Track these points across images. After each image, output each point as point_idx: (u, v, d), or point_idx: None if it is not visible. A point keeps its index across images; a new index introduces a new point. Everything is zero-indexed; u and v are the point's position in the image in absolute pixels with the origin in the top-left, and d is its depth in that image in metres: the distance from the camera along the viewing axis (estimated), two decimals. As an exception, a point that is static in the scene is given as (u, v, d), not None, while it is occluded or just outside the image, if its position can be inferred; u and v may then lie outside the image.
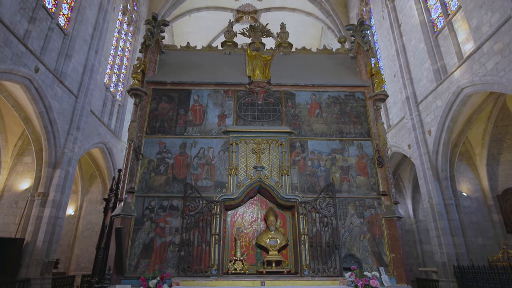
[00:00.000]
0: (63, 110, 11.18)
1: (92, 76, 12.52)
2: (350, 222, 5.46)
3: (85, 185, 15.31)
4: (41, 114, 10.31)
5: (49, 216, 10.31)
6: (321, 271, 4.95)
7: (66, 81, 11.22)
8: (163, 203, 5.40)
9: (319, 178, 5.75)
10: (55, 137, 10.83)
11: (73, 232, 14.59)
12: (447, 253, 10.32)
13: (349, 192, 5.71)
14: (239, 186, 5.59)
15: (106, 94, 14.54)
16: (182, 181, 5.52)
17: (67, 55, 11.29)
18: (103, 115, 14.09)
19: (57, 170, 10.86)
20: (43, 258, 9.99)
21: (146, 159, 5.76)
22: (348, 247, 5.31)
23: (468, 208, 11.82)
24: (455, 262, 10.11)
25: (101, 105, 14.08)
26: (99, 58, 12.91)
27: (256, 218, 5.87)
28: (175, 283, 4.71)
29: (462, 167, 12.32)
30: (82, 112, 11.90)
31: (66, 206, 11.21)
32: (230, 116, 6.20)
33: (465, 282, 9.46)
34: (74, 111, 11.65)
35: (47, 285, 10.10)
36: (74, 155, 11.52)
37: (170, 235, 5.18)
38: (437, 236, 10.70)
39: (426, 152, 11.56)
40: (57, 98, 10.83)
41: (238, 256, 5.34)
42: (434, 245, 10.87)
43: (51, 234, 10.35)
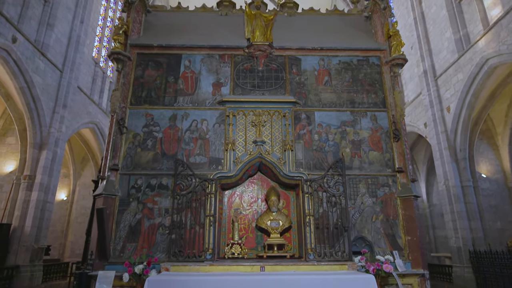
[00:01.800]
0: (47, 86, 10.74)
1: (78, 49, 11.98)
2: (361, 202, 5.15)
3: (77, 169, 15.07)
4: (22, 90, 9.88)
5: (37, 200, 10.10)
6: (328, 255, 4.69)
7: (48, 53, 10.71)
8: (151, 182, 5.08)
9: (327, 153, 5.39)
10: (40, 116, 10.45)
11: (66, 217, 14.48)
12: (462, 237, 10.13)
13: (360, 169, 5.35)
14: (237, 163, 5.23)
15: (95, 70, 14.02)
16: (172, 157, 5.18)
17: (48, 24, 10.72)
18: (92, 93, 13.63)
19: (43, 151, 10.55)
20: (32, 244, 9.84)
21: (131, 133, 5.38)
22: (359, 229, 5.03)
23: (487, 190, 11.46)
24: (471, 247, 9.96)
25: (90, 81, 13.60)
26: (85, 28, 12.32)
27: (256, 199, 5.59)
28: (165, 268, 4.44)
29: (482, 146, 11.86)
30: (68, 89, 11.46)
31: (55, 189, 10.98)
32: (227, 84, 5.79)
33: (481, 267, 9.31)
34: (60, 87, 11.21)
35: (38, 272, 10.00)
36: (62, 136, 11.17)
37: (159, 217, 4.90)
38: (453, 220, 10.45)
39: (443, 131, 11.15)
40: (40, 72, 10.36)
41: (236, 239, 5.09)
42: (449, 230, 10.64)
43: (39, 219, 10.16)
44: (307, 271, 4.42)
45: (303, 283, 3.99)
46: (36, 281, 9.73)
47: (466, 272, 9.82)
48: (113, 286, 4.41)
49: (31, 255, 9.66)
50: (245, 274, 4.20)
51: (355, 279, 4.14)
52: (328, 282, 4.05)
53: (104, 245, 4.67)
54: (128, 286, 4.51)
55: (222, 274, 4.22)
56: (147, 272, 4.33)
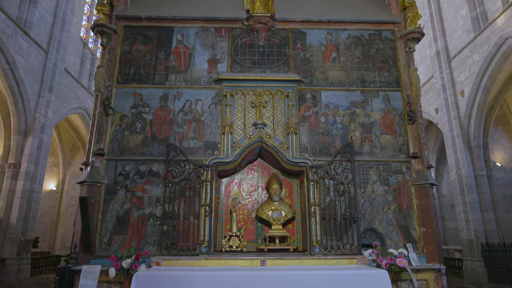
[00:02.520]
0: (31, 67, 10.32)
1: (65, 28, 11.51)
2: (372, 191, 4.94)
3: (66, 157, 14.78)
4: (4, 71, 9.49)
5: (23, 190, 9.84)
6: (335, 248, 4.49)
7: (32, 32, 10.26)
8: (140, 168, 4.84)
9: (334, 137, 5.14)
10: (24, 100, 10.09)
11: (56, 208, 14.27)
12: (474, 230, 9.98)
13: (371, 154, 5.11)
14: (235, 148, 4.97)
15: (83, 51, 13.57)
16: (164, 141, 4.94)
17: (31, 1, 10.22)
18: (81, 76, 13.21)
19: (28, 138, 10.23)
20: (19, 237, 9.62)
21: (118, 114, 5.10)
22: (369, 220, 4.83)
23: (501, 180, 11.20)
24: (483, 239, 9.81)
25: (78, 63, 13.17)
26: (71, 6, 11.82)
27: (256, 187, 5.35)
28: (155, 262, 4.19)
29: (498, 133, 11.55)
30: (54, 71, 11.05)
31: (43, 179, 10.70)
32: (224, 61, 5.46)
33: (493, 261, 9.18)
34: (45, 69, 10.80)
35: (26, 265, 9.81)
36: (48, 121, 10.82)
37: (150, 207, 4.68)
38: (464, 211, 10.26)
39: (456, 117, 10.88)
40: (23, 52, 9.93)
41: (234, 231, 4.85)
42: (460, 222, 10.45)
43: (26, 210, 9.92)
44: (312, 266, 4.22)
45: (308, 279, 3.75)
46: (24, 275, 9.54)
47: (478, 266, 9.67)
48: (99, 282, 4.21)
49: (18, 248, 9.44)
50: (244, 269, 3.97)
51: (366, 275, 3.90)
52: (336, 278, 3.81)
53: (89, 237, 4.41)
54: (115, 282, 4.29)
55: (219, 269, 3.97)
56: (135, 266, 4.07)
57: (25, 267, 9.64)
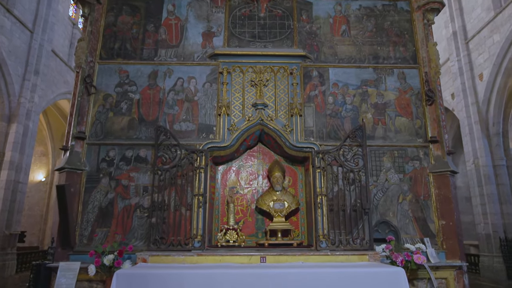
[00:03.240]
0: (15, 48, 9.93)
1: (52, 6, 11.07)
2: (385, 179, 4.70)
3: (56, 147, 14.45)
4: (-16, 52, 9.09)
5: (7, 180, 9.55)
6: (343, 243, 4.26)
7: (15, 9, 9.85)
8: (126, 154, 4.59)
9: (343, 119, 4.89)
10: (7, 83, 9.73)
11: (46, 201, 14.03)
12: (492, 223, 9.77)
13: (385, 138, 4.86)
14: (232, 131, 4.71)
15: (73, 32, 13.14)
16: (153, 124, 4.70)
17: (13, -25, 9.78)
18: (70, 59, 12.79)
19: (13, 125, 9.90)
20: (3, 230, 9.36)
21: (101, 94, 4.84)
22: (382, 211, 4.60)
23: (522, 170, 10.80)
24: (502, 234, 9.60)
25: (67, 45, 12.76)
26: (58, -18, 11.35)
27: (256, 175, 5.11)
28: (141, 259, 3.89)
29: (518, 120, 11.10)
30: (40, 52, 10.67)
31: (29, 168, 10.41)
32: (220, 34, 5.16)
33: None
34: (30, 51, 10.41)
35: (11, 261, 9.59)
36: (35, 107, 10.48)
37: (137, 197, 4.44)
38: (482, 204, 10.00)
39: (474, 102, 10.56)
40: (5, 32, 9.53)
41: (231, 224, 4.61)
42: (477, 215, 10.19)
43: (11, 202, 9.65)
44: (318, 263, 3.95)
45: (314, 277, 3.46)
46: (10, 271, 9.32)
47: (496, 262, 9.41)
48: (79, 280, 3.95)
49: (2, 243, 9.20)
50: (242, 267, 3.69)
51: (379, 273, 3.59)
52: (346, 276, 3.51)
53: (67, 230, 4.12)
54: (97, 280, 4.00)
55: (213, 266, 3.69)
56: (118, 263, 3.78)
57: (10, 263, 9.41)
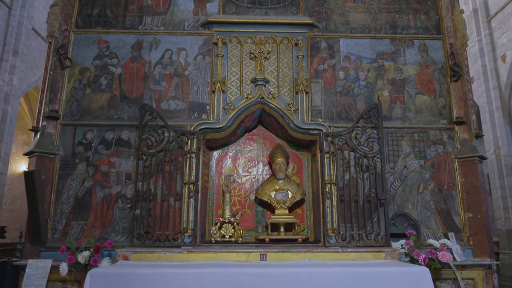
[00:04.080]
0: (-10, 25, 9.45)
1: (31, -21, 10.53)
2: (404, 166, 4.44)
3: (41, 135, 14.09)
4: (-44, 28, 8.63)
5: (-16, 171, 9.18)
6: (356, 239, 3.99)
7: (-11, -17, 9.32)
8: (106, 136, 4.33)
9: (356, 97, 4.62)
10: (-18, 64, 9.28)
11: (31, 193, 13.69)
12: None
13: (403, 119, 4.59)
14: (228, 110, 4.40)
15: (55, 11, 12.60)
16: (137, 102, 4.42)
17: None
18: (53, 40, 12.30)
19: (-11, 110, 9.47)
20: (-20, 225, 9.05)
21: (78, 67, 4.53)
22: (400, 203, 4.35)
23: (547, 160, 10.48)
24: None
25: (49, 25, 12.23)
26: (37, -48, 10.81)
27: (255, 162, 4.87)
28: (122, 256, 3.56)
29: (543, 106, 10.73)
30: (19, 30, 10.19)
31: (8, 158, 10.02)
32: (214, 0, 4.81)
33: None
34: (8, 28, 9.92)
35: (-10, 257, 9.27)
36: (14, 90, 10.03)
37: (118, 185, 4.19)
38: (503, 197, 9.80)
39: (496, 86, 10.31)
40: (-21, 7, 9.04)
41: (227, 217, 4.37)
42: (497, 209, 9.98)
43: (-12, 194, 9.31)
44: (327, 261, 3.64)
45: (323, 278, 3.12)
46: (-11, 268, 9.02)
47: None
48: (51, 280, 3.66)
49: (-21, 238, 8.89)
50: (238, 265, 3.36)
51: (399, 273, 3.24)
52: (359, 276, 3.17)
53: (38, 223, 3.78)
54: (72, 280, 3.67)
55: (205, 265, 3.34)
56: (95, 261, 3.43)
57: (-11, 259, 9.11)
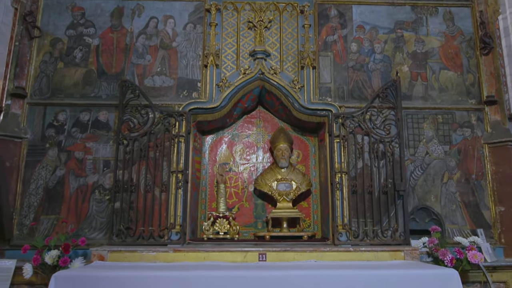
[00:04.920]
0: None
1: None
2: (426, 152, 4.21)
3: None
4: None
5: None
6: (370, 236, 3.78)
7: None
8: (80, 117, 4.09)
9: (371, 73, 4.38)
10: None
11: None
12: None
13: (425, 98, 4.33)
14: (223, 88, 4.12)
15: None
16: (117, 78, 4.19)
17: None
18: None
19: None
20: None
21: (48, 38, 4.24)
22: (421, 195, 4.12)
23: None
24: None
25: None
26: None
27: (255, 148, 4.66)
28: (98, 256, 3.27)
29: None
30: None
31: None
32: None
33: None
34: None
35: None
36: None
37: (95, 174, 3.97)
38: None
39: None
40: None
41: (221, 210, 4.12)
42: None
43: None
44: (337, 262, 3.40)
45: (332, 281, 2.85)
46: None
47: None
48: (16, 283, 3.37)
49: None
50: (233, 267, 3.08)
51: (424, 277, 2.95)
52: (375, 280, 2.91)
53: (1, 218, 3.50)
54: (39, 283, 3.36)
55: (194, 266, 3.04)
56: (64, 262, 3.11)
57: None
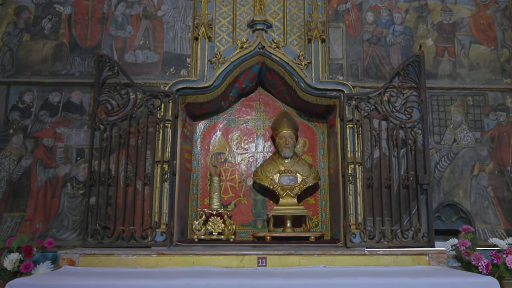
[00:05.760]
0: None
1: None
2: (453, 139, 4.00)
3: None
4: None
5: None
6: (388, 237, 3.55)
7: None
8: (50, 98, 3.87)
9: (390, 48, 4.15)
10: None
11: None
12: None
13: (453, 77, 4.10)
14: (216, 64, 3.87)
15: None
16: (92, 52, 3.97)
17: None
18: None
19: None
20: None
21: (12, 6, 4.06)
22: (447, 189, 3.91)
23: None
24: None
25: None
26: None
27: (254, 136, 4.48)
28: (67, 260, 3.00)
29: None
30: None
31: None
32: None
33: None
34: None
35: None
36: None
37: (67, 164, 3.75)
38: None
39: None
40: None
41: (215, 207, 3.91)
42: None
43: None
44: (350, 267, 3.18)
45: None
46: None
47: None
48: None
49: None
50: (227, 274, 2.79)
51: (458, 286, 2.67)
52: None
53: None
54: None
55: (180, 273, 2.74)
56: (27, 267, 2.85)
57: None
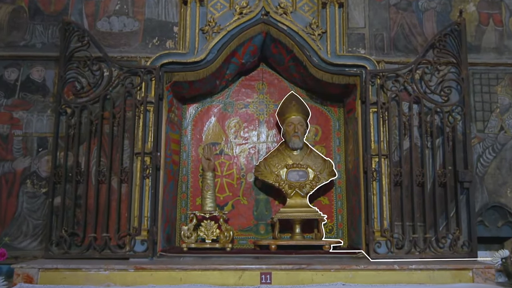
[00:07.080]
0: None
1: None
2: (500, 127, 3.83)
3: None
4: None
5: None
6: (420, 247, 3.36)
7: None
8: (5, 75, 3.72)
9: (422, 14, 3.98)
10: None
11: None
12: None
13: (500, 51, 3.92)
14: (210, 34, 3.68)
15: None
16: (57, 19, 3.78)
17: None
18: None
19: None
20: None
21: None
22: (492, 188, 3.74)
23: None
24: None
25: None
26: None
27: (256, 123, 4.29)
28: (23, 276, 2.75)
29: None
30: None
31: None
32: None
33: None
34: None
35: None
36: None
37: (26, 157, 3.59)
38: None
39: None
40: None
41: (208, 209, 3.69)
42: None
43: None
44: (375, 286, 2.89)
45: None
46: None
47: None
48: None
49: None
50: None
51: None
52: None
53: None
54: None
55: None
56: None
57: None
